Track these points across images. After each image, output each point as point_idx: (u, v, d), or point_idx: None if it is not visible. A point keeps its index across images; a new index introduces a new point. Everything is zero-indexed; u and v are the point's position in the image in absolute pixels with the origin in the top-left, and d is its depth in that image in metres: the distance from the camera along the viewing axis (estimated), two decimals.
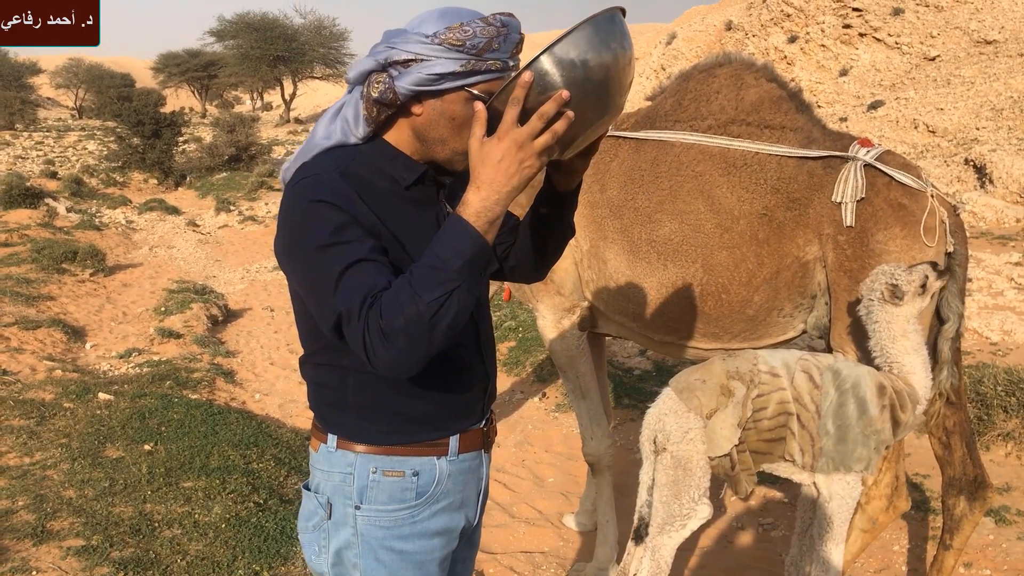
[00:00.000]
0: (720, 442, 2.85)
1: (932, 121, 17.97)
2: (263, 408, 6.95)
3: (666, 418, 2.90)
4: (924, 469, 5.00)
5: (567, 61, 1.55)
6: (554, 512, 4.96)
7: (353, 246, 1.62)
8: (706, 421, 2.85)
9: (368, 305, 1.55)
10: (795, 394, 2.88)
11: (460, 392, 1.89)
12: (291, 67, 50.72)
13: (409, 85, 1.70)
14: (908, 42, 24.14)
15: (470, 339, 1.91)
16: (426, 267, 1.55)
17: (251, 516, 4.38)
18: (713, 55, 3.95)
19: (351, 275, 1.59)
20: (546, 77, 1.54)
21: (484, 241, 1.57)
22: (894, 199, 3.28)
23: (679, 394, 2.92)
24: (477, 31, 1.67)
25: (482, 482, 2.01)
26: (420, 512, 1.86)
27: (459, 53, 1.67)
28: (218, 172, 24.85)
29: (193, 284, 11.13)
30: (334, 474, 1.86)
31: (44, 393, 6.23)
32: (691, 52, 32.06)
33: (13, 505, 4.36)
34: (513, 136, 1.53)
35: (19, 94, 44.92)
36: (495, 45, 1.69)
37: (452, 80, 1.70)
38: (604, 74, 1.58)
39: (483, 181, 1.56)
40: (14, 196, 16.05)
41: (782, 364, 2.94)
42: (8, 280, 10.06)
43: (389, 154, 1.81)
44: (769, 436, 2.89)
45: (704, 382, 2.90)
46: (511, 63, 1.73)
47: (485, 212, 1.56)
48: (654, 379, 6.99)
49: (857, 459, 2.87)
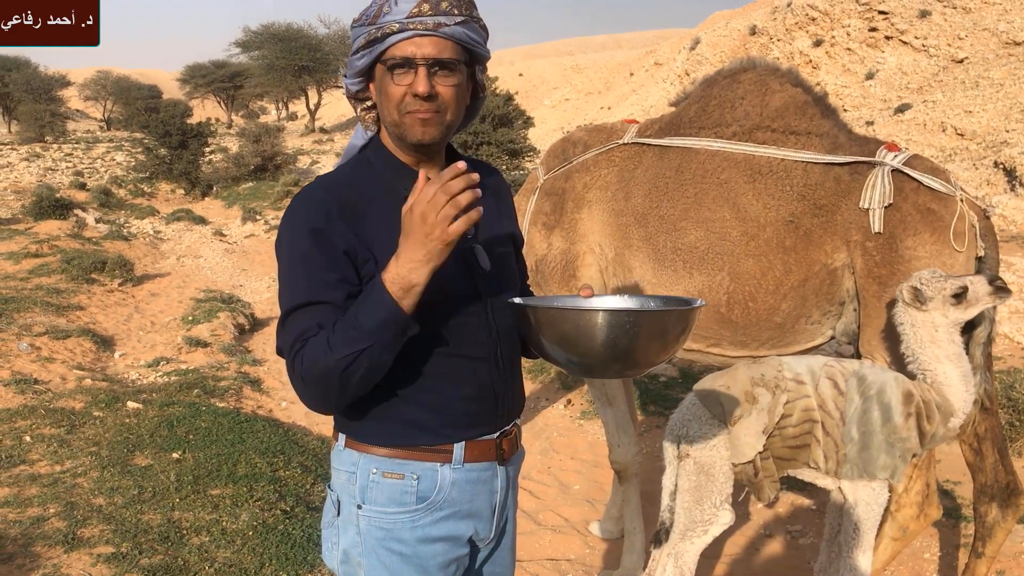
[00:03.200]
0: (744, 449, 2.84)
1: (961, 124, 17.78)
2: (289, 416, 6.98)
3: (689, 424, 2.90)
4: (955, 476, 4.94)
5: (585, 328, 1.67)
6: (580, 519, 4.94)
7: (309, 278, 1.72)
8: (730, 428, 2.85)
9: (297, 349, 1.68)
10: (819, 401, 2.86)
11: (466, 401, 1.88)
12: (316, 77, 51.12)
13: (349, 72, 1.85)
14: (935, 44, 23.91)
15: (481, 349, 1.89)
16: (344, 325, 1.65)
17: (278, 523, 4.40)
18: (737, 60, 3.92)
19: (293, 316, 1.71)
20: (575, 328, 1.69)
21: (397, 307, 1.62)
22: (923, 204, 3.24)
23: (703, 400, 2.91)
24: (372, 3, 1.77)
25: (496, 495, 1.96)
26: (421, 517, 1.85)
27: (361, 27, 1.78)
28: (244, 182, 25.04)
29: (220, 293, 11.21)
30: (342, 472, 1.91)
31: (74, 402, 6.30)
32: (715, 57, 31.96)
33: (44, 512, 4.41)
34: (418, 209, 1.57)
35: (49, 107, 45.48)
36: (386, 9, 1.74)
37: (365, 54, 1.78)
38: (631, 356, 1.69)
39: (400, 252, 1.61)
40: (44, 207, 16.28)
41: (807, 371, 2.92)
42: (39, 290, 10.18)
43: (393, 164, 1.88)
44: (794, 443, 2.87)
45: (729, 388, 2.89)
46: (415, 23, 1.72)
47: (399, 279, 1.61)
48: (680, 386, 6.95)
49: (882, 467, 2.84)
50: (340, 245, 1.73)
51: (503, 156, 18.49)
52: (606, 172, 4.00)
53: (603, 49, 79.70)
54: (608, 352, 1.65)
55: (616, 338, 1.62)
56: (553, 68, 57.47)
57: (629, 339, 1.63)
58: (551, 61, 61.69)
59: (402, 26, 1.71)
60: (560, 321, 1.70)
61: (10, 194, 20.65)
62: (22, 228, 15.16)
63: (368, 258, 1.75)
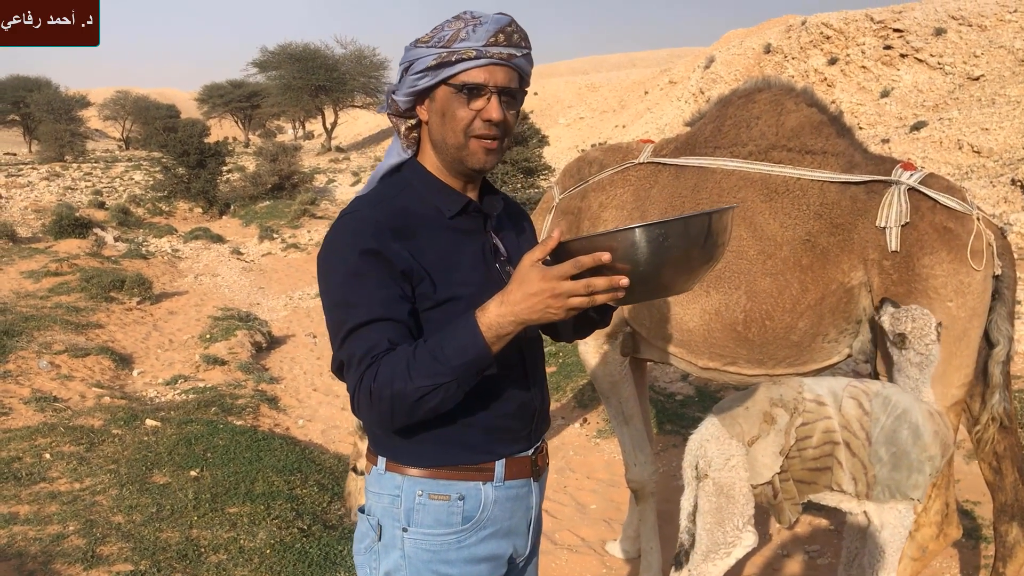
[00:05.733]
0: (762, 470, 2.83)
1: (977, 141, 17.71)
2: (306, 434, 7.00)
3: (708, 444, 2.89)
4: (975, 496, 4.91)
5: (651, 244, 1.57)
6: (597, 539, 4.93)
7: (369, 298, 1.72)
8: (748, 448, 2.83)
9: (367, 364, 1.67)
10: (843, 421, 2.84)
11: (505, 418, 1.91)
12: (332, 96, 51.56)
13: (404, 90, 1.85)
14: (951, 62, 23.87)
15: (515, 368, 1.92)
16: (429, 353, 1.64)
17: (295, 542, 4.41)
18: (752, 80, 3.94)
19: (358, 334, 1.71)
20: (627, 248, 1.57)
21: (488, 351, 1.64)
22: (939, 223, 3.24)
23: (721, 420, 2.90)
24: (445, 26, 1.79)
25: (532, 511, 2.01)
26: (467, 537, 1.88)
27: (431, 48, 1.78)
28: (261, 200, 25.16)
29: (237, 311, 11.26)
30: (383, 496, 1.90)
31: (93, 420, 6.34)
32: (730, 76, 32.00)
33: (64, 530, 4.43)
34: (555, 284, 1.57)
35: (69, 126, 45.95)
36: (463, 35, 1.77)
37: (430, 75, 1.80)
38: (681, 267, 1.62)
39: (509, 300, 1.62)
40: (64, 226, 16.42)
41: (828, 392, 2.91)
42: (58, 308, 10.27)
43: (433, 185, 1.90)
44: (814, 465, 2.85)
45: (747, 409, 2.88)
46: (491, 51, 1.77)
47: (498, 327, 1.63)
48: (696, 405, 6.94)
49: (913, 486, 2.83)
50: (396, 264, 1.75)
51: (518, 174, 18.54)
52: (622, 191, 4.02)
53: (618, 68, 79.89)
54: (655, 266, 1.59)
55: (655, 250, 1.57)
56: (568, 87, 57.62)
57: (664, 251, 1.58)
58: (566, 80, 61.86)
59: (479, 53, 1.76)
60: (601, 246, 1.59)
61: (31, 213, 20.86)
62: (42, 247, 15.32)
63: (423, 277, 1.78)
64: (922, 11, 26.28)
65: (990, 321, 3.32)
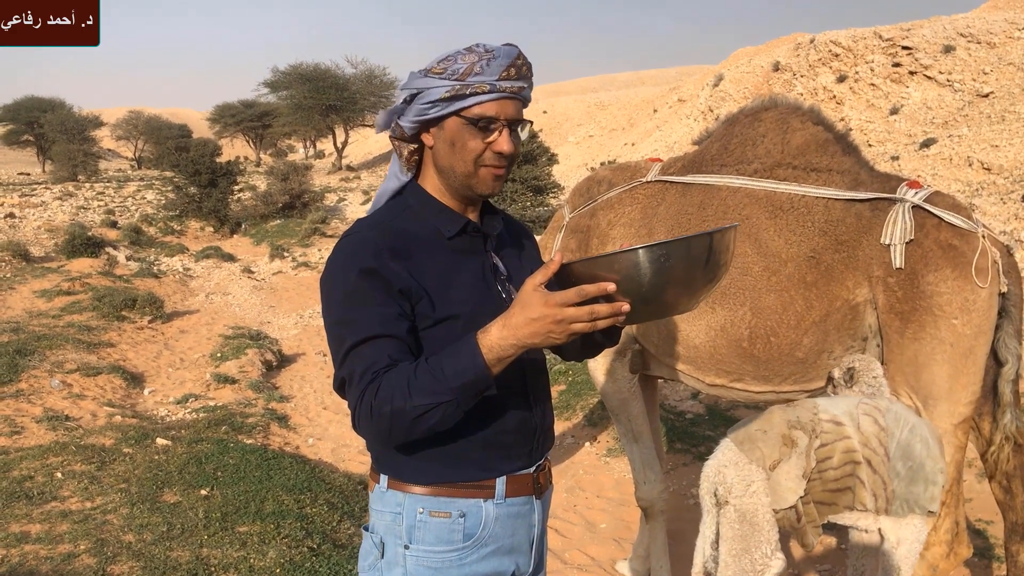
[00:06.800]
0: (785, 494, 2.78)
1: (987, 158, 17.68)
2: (316, 453, 7.01)
3: (726, 470, 2.83)
4: (987, 515, 4.88)
5: (653, 265, 1.59)
6: (607, 558, 4.92)
7: (368, 315, 1.74)
8: (769, 473, 2.78)
9: (368, 380, 1.69)
10: (863, 440, 2.81)
11: (506, 435, 1.93)
12: (343, 116, 51.77)
13: (411, 117, 1.87)
14: (960, 79, 23.87)
15: (517, 386, 1.94)
16: (429, 372, 1.67)
17: (305, 561, 4.42)
18: (759, 99, 3.97)
19: (359, 351, 1.74)
20: (630, 271, 1.59)
21: (488, 373, 1.67)
22: (944, 240, 3.25)
23: (739, 445, 2.85)
24: (459, 59, 1.80)
25: (534, 529, 2.02)
26: (468, 555, 1.89)
27: (443, 80, 1.80)
28: (272, 219, 25.28)
29: (248, 330, 11.30)
30: (385, 514, 1.92)
31: (104, 438, 6.36)
32: (739, 94, 32.06)
33: (75, 549, 4.45)
34: (557, 311, 1.60)
35: (82, 147, 46.24)
36: (477, 69, 1.79)
37: (442, 106, 1.82)
38: (684, 287, 1.64)
39: (511, 323, 1.64)
40: (76, 245, 16.51)
41: (844, 412, 2.88)
42: (70, 327, 10.32)
43: (434, 206, 1.93)
44: (835, 486, 2.81)
45: (765, 433, 2.83)
46: (503, 85, 1.81)
47: (499, 349, 1.65)
48: (707, 423, 6.92)
49: (931, 498, 2.82)
50: (395, 283, 1.78)
51: (527, 193, 18.60)
52: (630, 209, 4.05)
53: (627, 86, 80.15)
54: (658, 286, 1.61)
55: (657, 270, 1.59)
56: (577, 105, 57.83)
57: (666, 272, 1.59)
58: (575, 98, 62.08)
59: (492, 87, 1.80)
60: (603, 267, 1.62)
61: (44, 233, 20.98)
62: (55, 266, 15.38)
63: (422, 296, 1.81)
64: (931, 28, 26.30)
65: (997, 339, 3.32)
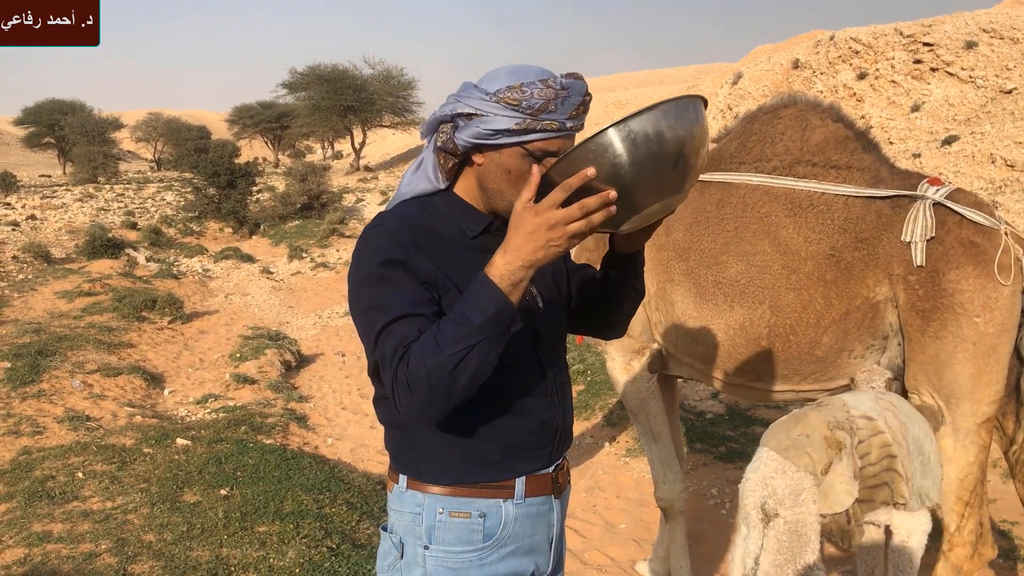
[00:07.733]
0: (840, 497, 2.68)
1: (1010, 155, 17.51)
2: (335, 453, 7.03)
3: (774, 481, 2.70)
4: (1012, 516, 4.83)
5: (635, 140, 1.56)
6: (626, 559, 4.90)
7: (398, 298, 1.72)
8: (820, 478, 2.67)
9: (399, 356, 1.65)
10: (892, 434, 2.79)
11: (527, 436, 1.92)
12: (361, 116, 51.89)
13: (468, 137, 1.81)
14: (982, 75, 23.64)
15: (537, 385, 1.94)
16: (451, 322, 1.64)
17: (324, 561, 4.42)
18: (778, 96, 3.94)
19: (390, 329, 1.70)
20: (606, 155, 1.56)
21: (507, 301, 1.63)
22: (966, 237, 3.22)
23: (783, 453, 2.73)
24: (535, 92, 1.74)
25: (553, 529, 2.01)
26: (488, 555, 1.89)
27: (515, 112, 1.75)
28: (291, 220, 25.35)
29: (267, 330, 11.35)
30: (405, 514, 1.92)
31: (125, 439, 6.40)
32: (758, 91, 31.89)
33: (96, 548, 4.48)
34: (548, 215, 1.58)
35: (102, 148, 46.63)
36: (552, 107, 1.75)
37: (507, 137, 1.77)
38: (664, 163, 1.60)
39: (511, 246, 1.62)
40: (97, 247, 16.64)
41: (871, 408, 2.86)
42: (91, 328, 10.39)
43: (458, 206, 1.92)
44: (873, 483, 2.76)
45: (808, 437, 2.73)
46: (569, 124, 1.79)
47: (509, 275, 1.62)
48: (727, 423, 6.89)
49: (937, 490, 2.81)
50: (420, 274, 1.76)
51: None
52: None
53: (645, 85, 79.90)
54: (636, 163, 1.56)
55: (631, 147, 1.55)
56: (595, 104, 57.69)
57: (641, 145, 1.56)
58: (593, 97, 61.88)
59: (560, 125, 1.77)
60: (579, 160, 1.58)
61: (64, 234, 21.16)
62: (76, 267, 15.51)
63: (449, 288, 1.79)
64: (952, 24, 26.06)
65: (1021, 337, 3.28)
